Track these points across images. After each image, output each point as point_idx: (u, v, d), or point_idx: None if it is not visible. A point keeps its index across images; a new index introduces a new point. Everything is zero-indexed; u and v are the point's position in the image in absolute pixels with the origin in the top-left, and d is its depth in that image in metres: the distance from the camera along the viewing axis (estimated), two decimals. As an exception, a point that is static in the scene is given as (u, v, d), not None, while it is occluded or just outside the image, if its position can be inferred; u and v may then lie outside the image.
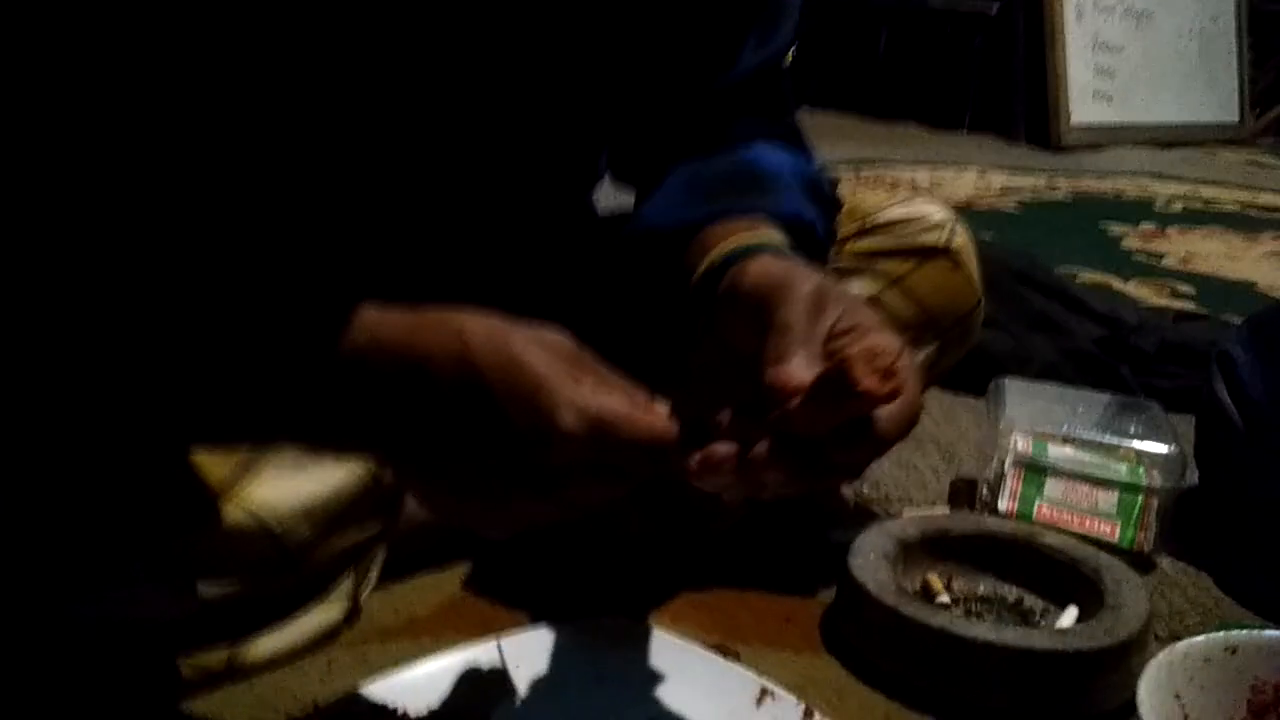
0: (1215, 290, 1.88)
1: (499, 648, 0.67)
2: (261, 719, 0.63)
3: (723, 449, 0.49)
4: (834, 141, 3.38)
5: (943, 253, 0.84)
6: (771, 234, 0.66)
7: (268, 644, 0.67)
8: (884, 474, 1.05)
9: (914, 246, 0.84)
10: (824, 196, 0.76)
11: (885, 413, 0.49)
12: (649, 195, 0.76)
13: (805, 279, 0.57)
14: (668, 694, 0.64)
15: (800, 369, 0.51)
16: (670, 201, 0.73)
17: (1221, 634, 0.63)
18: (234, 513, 0.64)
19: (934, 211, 0.87)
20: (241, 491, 0.64)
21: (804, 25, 0.80)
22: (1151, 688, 0.59)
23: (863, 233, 0.86)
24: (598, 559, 0.82)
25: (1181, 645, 0.62)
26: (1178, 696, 0.61)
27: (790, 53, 0.80)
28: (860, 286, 0.83)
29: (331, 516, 0.67)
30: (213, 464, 0.64)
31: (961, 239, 0.86)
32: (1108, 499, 0.91)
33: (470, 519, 0.52)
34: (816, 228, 0.72)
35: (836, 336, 0.55)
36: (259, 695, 0.66)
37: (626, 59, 0.72)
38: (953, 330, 0.85)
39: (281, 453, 0.66)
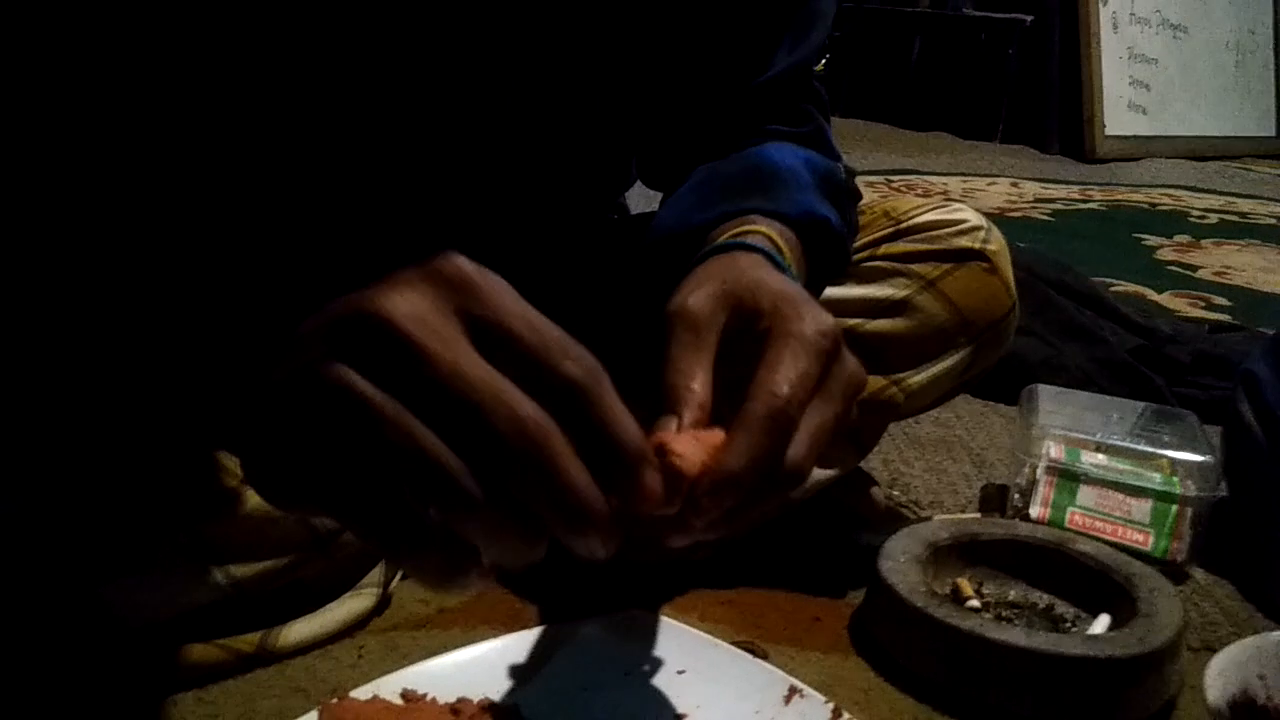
0: (1251, 303, 1.87)
1: (528, 640, 0.67)
2: (291, 703, 0.64)
3: None
4: (866, 150, 3.37)
5: (978, 256, 0.84)
6: (760, 229, 0.65)
7: (299, 630, 0.68)
8: (914, 479, 1.05)
9: (949, 249, 0.84)
10: (840, 189, 0.75)
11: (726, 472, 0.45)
12: (668, 198, 0.76)
13: (708, 294, 0.54)
14: (696, 690, 0.64)
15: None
16: (682, 205, 0.72)
17: None
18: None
19: (969, 216, 0.87)
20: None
21: (837, 34, 0.80)
22: (1226, 668, 0.60)
23: (897, 235, 0.85)
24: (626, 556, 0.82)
25: (1252, 639, 0.63)
26: (1261, 677, 0.61)
27: (823, 59, 0.80)
28: (893, 288, 0.83)
29: None
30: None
31: (996, 243, 0.86)
32: (1141, 508, 0.90)
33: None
34: (831, 222, 0.71)
35: (761, 333, 0.52)
36: (289, 679, 0.66)
37: (661, 64, 0.72)
38: (986, 334, 0.84)
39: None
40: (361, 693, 0.59)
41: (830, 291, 0.82)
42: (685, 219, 0.70)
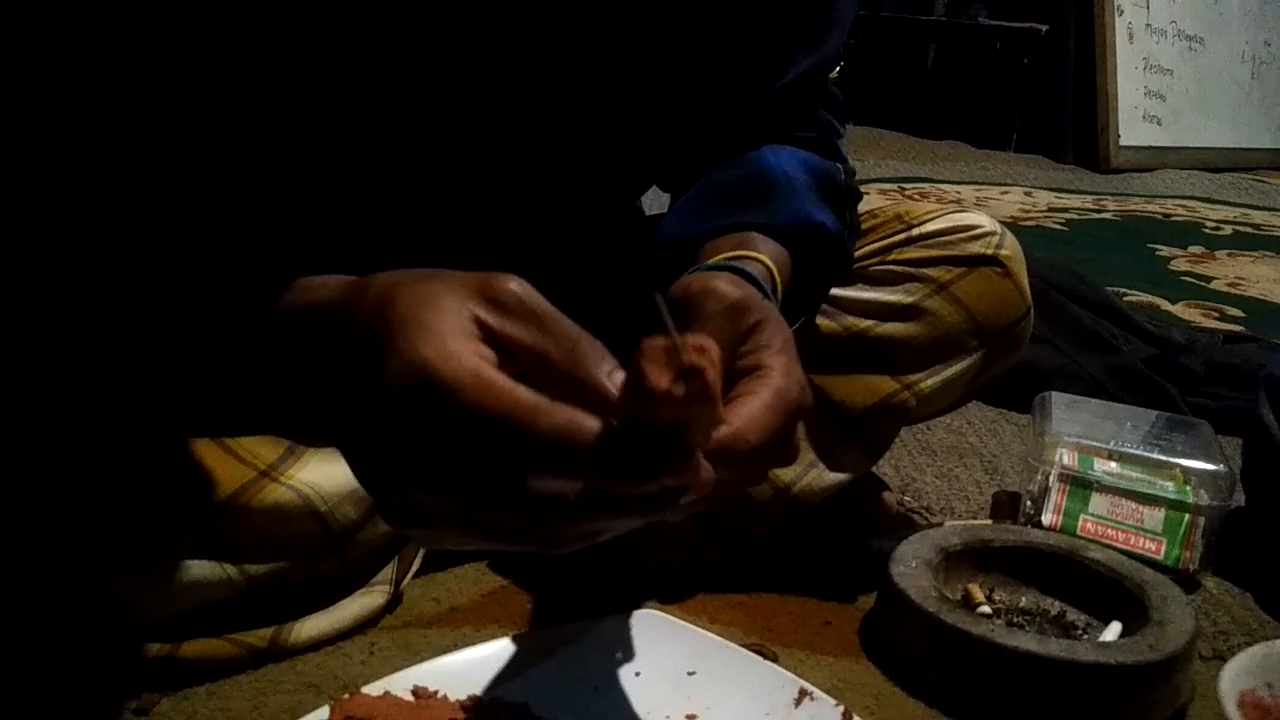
0: (1264, 314, 1.86)
1: (538, 639, 0.67)
2: (303, 699, 0.64)
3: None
4: (879, 158, 3.37)
5: (991, 261, 0.84)
6: (755, 252, 0.67)
7: (311, 626, 0.68)
8: (926, 484, 1.04)
9: (962, 255, 0.84)
10: (839, 190, 0.76)
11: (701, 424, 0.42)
12: (674, 204, 0.77)
13: (726, 294, 0.58)
14: (706, 691, 0.64)
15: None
16: (684, 213, 0.74)
17: None
18: (282, 492, 0.65)
19: (983, 221, 0.86)
20: (288, 472, 0.65)
21: (852, 41, 0.80)
22: (1239, 675, 0.61)
23: (909, 241, 0.85)
24: (637, 555, 0.82)
25: (1261, 646, 0.63)
26: (1270, 685, 0.62)
27: (838, 66, 0.80)
28: (905, 293, 0.83)
29: None
30: (261, 446, 0.66)
31: (1010, 249, 0.85)
32: (1154, 516, 0.90)
33: (395, 513, 0.44)
34: (827, 227, 0.72)
35: (745, 353, 0.55)
36: (301, 675, 0.66)
37: (682, 68, 0.72)
38: (1000, 339, 0.84)
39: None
40: (373, 689, 0.59)
41: (841, 293, 0.82)
42: (686, 228, 0.72)
